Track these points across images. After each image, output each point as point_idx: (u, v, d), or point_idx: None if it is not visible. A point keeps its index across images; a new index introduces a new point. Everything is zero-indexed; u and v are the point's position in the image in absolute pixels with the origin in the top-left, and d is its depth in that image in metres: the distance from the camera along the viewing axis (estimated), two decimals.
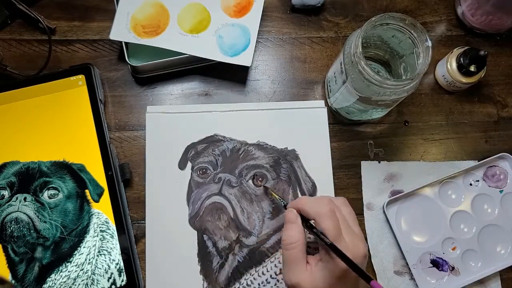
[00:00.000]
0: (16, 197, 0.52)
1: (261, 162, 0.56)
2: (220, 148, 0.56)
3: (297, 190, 0.56)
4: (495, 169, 0.58)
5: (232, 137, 0.57)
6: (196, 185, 0.55)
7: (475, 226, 0.56)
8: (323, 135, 0.58)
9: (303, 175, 0.56)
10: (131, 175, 0.55)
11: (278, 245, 0.54)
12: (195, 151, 0.56)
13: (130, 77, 0.59)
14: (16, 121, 0.55)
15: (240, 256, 0.53)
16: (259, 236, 0.54)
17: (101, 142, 0.55)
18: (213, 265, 0.53)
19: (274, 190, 0.54)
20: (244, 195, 0.54)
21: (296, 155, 0.57)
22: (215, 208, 0.54)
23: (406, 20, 0.47)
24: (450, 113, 0.60)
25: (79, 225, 0.52)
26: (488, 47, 0.63)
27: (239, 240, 0.53)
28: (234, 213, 0.54)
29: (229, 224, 0.53)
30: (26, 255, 0.51)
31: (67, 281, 0.50)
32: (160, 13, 0.57)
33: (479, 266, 0.55)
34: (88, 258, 0.51)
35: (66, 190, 0.53)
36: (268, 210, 0.54)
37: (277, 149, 0.57)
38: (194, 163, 0.56)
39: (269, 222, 0.54)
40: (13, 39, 0.59)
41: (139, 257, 0.53)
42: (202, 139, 0.57)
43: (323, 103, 0.59)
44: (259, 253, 0.53)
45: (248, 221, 0.54)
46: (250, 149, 0.56)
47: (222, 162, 0.56)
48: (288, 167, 0.56)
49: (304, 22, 0.63)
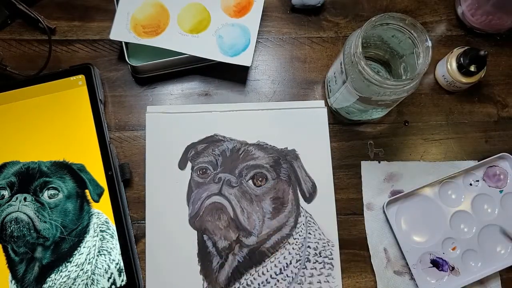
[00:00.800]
0: (16, 197, 0.52)
1: (261, 162, 0.56)
2: (220, 148, 0.56)
3: (297, 190, 0.56)
4: (495, 169, 0.58)
5: (232, 137, 0.57)
6: (196, 185, 0.55)
7: (475, 226, 0.56)
8: (323, 135, 0.58)
9: (303, 175, 0.56)
10: (131, 175, 0.55)
11: (278, 245, 0.54)
12: (195, 151, 0.56)
13: (130, 77, 0.59)
14: (16, 121, 0.55)
15: (240, 256, 0.53)
16: (259, 236, 0.54)
17: (101, 142, 0.55)
18: (213, 265, 0.53)
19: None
20: (244, 195, 0.54)
21: (296, 155, 0.57)
22: (215, 208, 0.54)
23: (406, 20, 0.47)
24: (450, 113, 0.60)
25: (79, 225, 0.52)
26: (488, 47, 0.63)
27: (239, 240, 0.53)
28: (234, 213, 0.54)
29: (229, 224, 0.53)
30: (26, 255, 0.51)
31: (67, 281, 0.50)
32: (160, 13, 0.57)
33: (479, 266, 0.55)
34: (88, 258, 0.51)
35: (66, 190, 0.53)
36: (268, 210, 0.54)
37: (277, 149, 0.57)
38: (194, 163, 0.56)
39: (269, 222, 0.54)
40: (13, 39, 0.59)
41: (139, 257, 0.53)
42: (202, 139, 0.57)
43: (323, 103, 0.59)
44: (259, 253, 0.53)
45: (248, 221, 0.54)
46: (250, 149, 0.56)
47: (222, 162, 0.56)
48: (288, 167, 0.56)
49: (304, 22, 0.63)
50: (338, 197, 0.56)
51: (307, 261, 0.53)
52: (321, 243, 0.54)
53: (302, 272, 0.53)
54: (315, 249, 0.54)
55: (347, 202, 0.56)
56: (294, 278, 0.53)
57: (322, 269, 0.53)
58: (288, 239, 0.54)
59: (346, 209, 0.56)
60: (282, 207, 0.55)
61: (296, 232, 0.54)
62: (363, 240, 0.55)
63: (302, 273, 0.53)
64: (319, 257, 0.54)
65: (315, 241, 0.54)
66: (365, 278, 0.55)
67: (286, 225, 0.54)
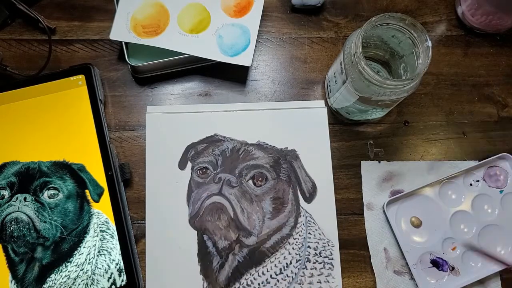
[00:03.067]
0: (16, 197, 0.52)
1: (261, 162, 0.56)
2: (220, 148, 0.56)
3: (297, 190, 0.56)
4: (495, 169, 0.58)
5: (232, 137, 0.57)
6: (196, 185, 0.55)
7: (475, 226, 0.56)
8: (323, 135, 0.58)
9: (303, 175, 0.56)
10: (131, 175, 0.55)
11: (278, 245, 0.54)
12: (195, 151, 0.56)
13: (130, 77, 0.59)
14: (16, 121, 0.55)
15: (240, 256, 0.53)
16: (259, 236, 0.54)
17: (101, 142, 0.55)
18: (213, 265, 0.53)
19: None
20: (244, 195, 0.54)
21: (296, 155, 0.57)
22: (215, 208, 0.54)
23: (406, 20, 0.47)
24: (450, 113, 0.60)
25: (79, 225, 0.52)
26: (488, 47, 0.63)
27: (239, 240, 0.53)
28: (234, 213, 0.54)
29: (229, 224, 0.53)
30: (26, 255, 0.51)
31: (67, 281, 0.50)
32: (160, 13, 0.57)
33: (479, 266, 0.55)
34: (88, 258, 0.51)
35: (66, 190, 0.53)
36: (268, 210, 0.54)
37: (277, 149, 0.57)
38: (194, 163, 0.56)
39: (269, 222, 0.54)
40: (13, 39, 0.59)
41: (139, 257, 0.53)
42: (202, 139, 0.57)
43: (323, 103, 0.59)
44: (259, 253, 0.53)
45: (248, 221, 0.54)
46: (250, 149, 0.56)
47: (222, 162, 0.56)
48: (288, 167, 0.56)
49: (304, 22, 0.63)
50: (338, 197, 0.56)
51: (307, 261, 0.53)
52: (321, 243, 0.54)
53: (302, 272, 0.53)
54: (315, 249, 0.54)
55: (347, 202, 0.56)
56: (294, 278, 0.53)
57: (322, 269, 0.53)
58: (288, 239, 0.54)
59: (346, 209, 0.56)
60: (282, 207, 0.55)
61: (296, 232, 0.54)
62: (363, 240, 0.55)
63: (302, 273, 0.53)
64: (319, 257, 0.54)
65: (315, 241, 0.54)
66: (365, 278, 0.55)
67: (286, 225, 0.54)
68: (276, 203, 0.55)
